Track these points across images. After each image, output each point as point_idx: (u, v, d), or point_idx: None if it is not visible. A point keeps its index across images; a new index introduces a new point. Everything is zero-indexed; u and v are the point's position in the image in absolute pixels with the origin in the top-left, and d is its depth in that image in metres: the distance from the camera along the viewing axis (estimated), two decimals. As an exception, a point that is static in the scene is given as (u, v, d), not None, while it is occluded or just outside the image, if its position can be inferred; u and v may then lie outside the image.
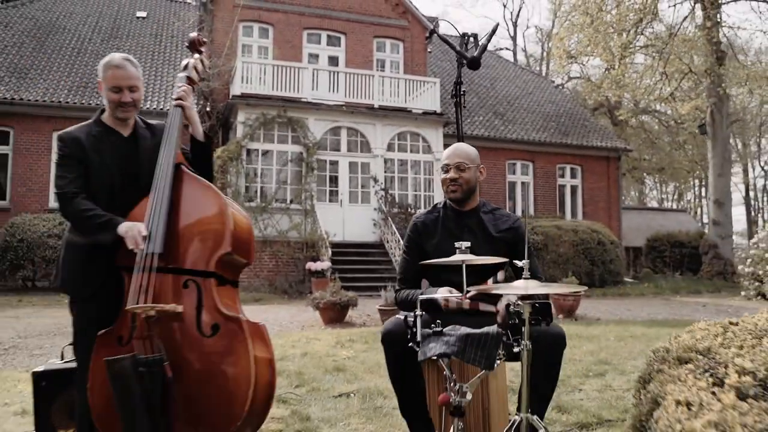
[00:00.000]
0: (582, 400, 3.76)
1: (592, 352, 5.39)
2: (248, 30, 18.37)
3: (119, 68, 2.84)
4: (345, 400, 3.83)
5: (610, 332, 6.92)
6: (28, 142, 16.56)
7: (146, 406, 2.35)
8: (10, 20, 19.84)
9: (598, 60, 22.64)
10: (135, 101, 2.90)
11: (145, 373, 2.36)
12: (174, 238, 2.59)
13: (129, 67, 2.89)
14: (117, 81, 2.80)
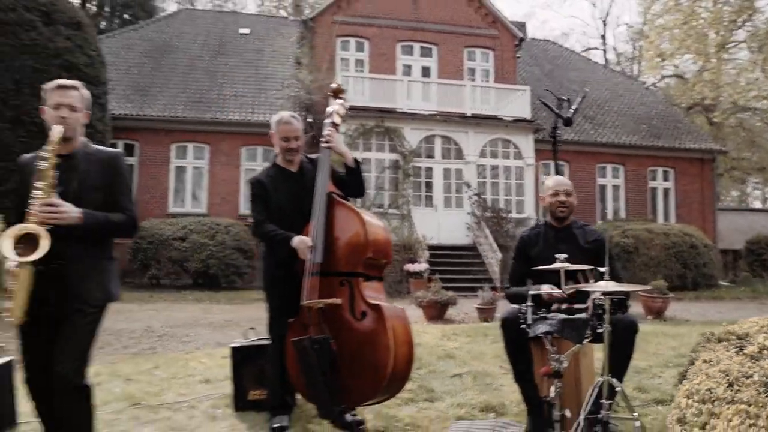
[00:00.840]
0: (660, 384, 4.44)
1: (674, 348, 6.00)
2: (345, 44, 19.52)
3: (288, 124, 3.84)
4: (459, 379, 4.70)
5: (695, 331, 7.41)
6: (151, 153, 18.34)
7: (320, 370, 3.31)
8: (131, 43, 21.87)
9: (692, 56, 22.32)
10: (299, 147, 3.88)
11: (318, 348, 3.32)
12: (331, 249, 3.53)
13: (294, 122, 3.89)
14: (286, 133, 3.80)
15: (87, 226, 2.62)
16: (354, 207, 3.67)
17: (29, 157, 2.90)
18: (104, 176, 2.80)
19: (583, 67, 25.66)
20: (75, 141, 2.82)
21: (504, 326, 3.35)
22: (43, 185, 2.57)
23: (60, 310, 2.64)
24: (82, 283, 2.67)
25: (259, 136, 18.33)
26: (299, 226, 3.62)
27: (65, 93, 2.79)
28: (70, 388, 2.59)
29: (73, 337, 2.64)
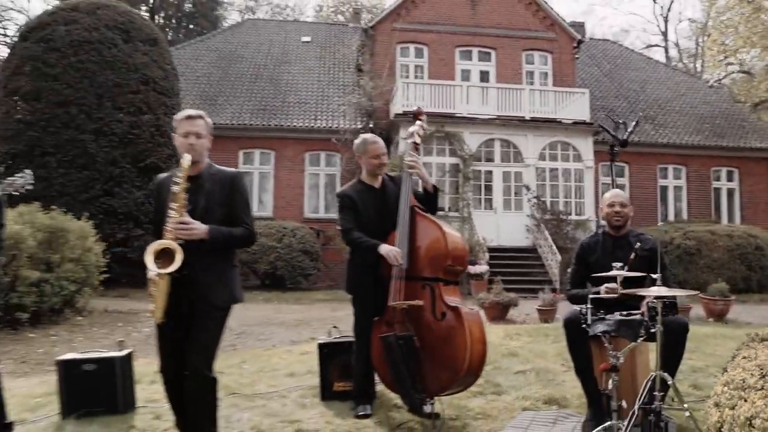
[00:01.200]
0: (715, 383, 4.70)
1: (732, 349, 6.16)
2: (405, 51, 19.97)
3: (375, 143, 4.30)
4: (523, 375, 5.06)
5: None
6: (219, 160, 18.36)
7: (405, 364, 3.75)
8: (199, 54, 22.89)
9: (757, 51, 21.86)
10: (385, 164, 4.32)
11: (403, 344, 3.77)
12: (414, 257, 3.97)
13: (380, 141, 4.34)
14: (376, 152, 4.26)
15: (213, 240, 3.12)
16: (435, 219, 4.09)
17: (163, 177, 3.42)
18: (226, 194, 3.29)
19: (643, 67, 25.37)
20: (201, 164, 3.31)
21: (566, 326, 3.73)
22: (176, 206, 3.08)
23: (191, 311, 3.15)
24: (211, 288, 3.17)
25: (322, 142, 19.02)
26: (382, 235, 4.07)
27: (193, 122, 3.29)
28: (200, 378, 3.11)
29: (203, 335, 3.15)
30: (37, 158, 13.94)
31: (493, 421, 3.93)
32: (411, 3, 19.76)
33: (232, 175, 3.41)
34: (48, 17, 15.18)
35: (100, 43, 14.71)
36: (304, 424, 3.83)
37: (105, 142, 14.29)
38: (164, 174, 3.46)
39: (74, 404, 4.06)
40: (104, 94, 14.48)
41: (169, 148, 15.43)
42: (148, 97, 14.96)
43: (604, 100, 22.10)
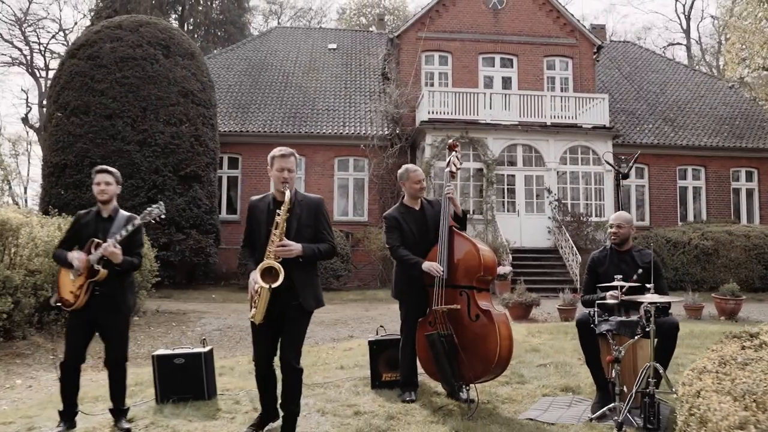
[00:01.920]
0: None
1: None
2: (430, 59, 20.68)
3: (417, 171, 5.06)
4: (544, 368, 5.80)
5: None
6: (252, 165, 20.08)
7: (447, 357, 4.51)
8: (230, 63, 23.81)
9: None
10: (424, 188, 5.07)
11: (444, 341, 4.53)
12: (452, 268, 4.73)
13: (420, 170, 5.10)
14: (418, 178, 5.02)
15: (306, 256, 3.90)
16: (470, 237, 4.84)
17: (255, 200, 4.19)
18: (312, 217, 4.04)
19: (663, 68, 25.77)
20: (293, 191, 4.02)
21: (578, 325, 4.48)
22: (277, 232, 3.85)
23: (282, 314, 3.93)
24: (302, 295, 3.94)
25: (350, 148, 19.82)
26: (423, 250, 4.85)
27: (286, 159, 4.04)
28: (291, 368, 3.89)
29: (294, 334, 3.94)
30: (86, 168, 14.87)
31: (518, 405, 4.68)
32: (435, 12, 20.47)
33: (318, 201, 4.15)
34: (94, 35, 16.14)
35: (143, 59, 15.65)
36: (360, 408, 4.60)
37: (148, 152, 15.24)
38: (255, 197, 4.23)
39: (167, 392, 4.89)
40: (147, 107, 15.43)
41: (207, 157, 16.39)
42: (187, 109, 15.87)
43: (624, 102, 22.62)
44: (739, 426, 2.00)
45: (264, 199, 4.11)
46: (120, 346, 4.45)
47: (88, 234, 4.36)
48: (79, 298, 4.24)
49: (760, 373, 2.63)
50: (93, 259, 4.19)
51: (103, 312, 4.33)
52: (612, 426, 3.84)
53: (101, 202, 4.46)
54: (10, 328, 7.79)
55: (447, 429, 4.02)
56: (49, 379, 6.52)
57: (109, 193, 4.46)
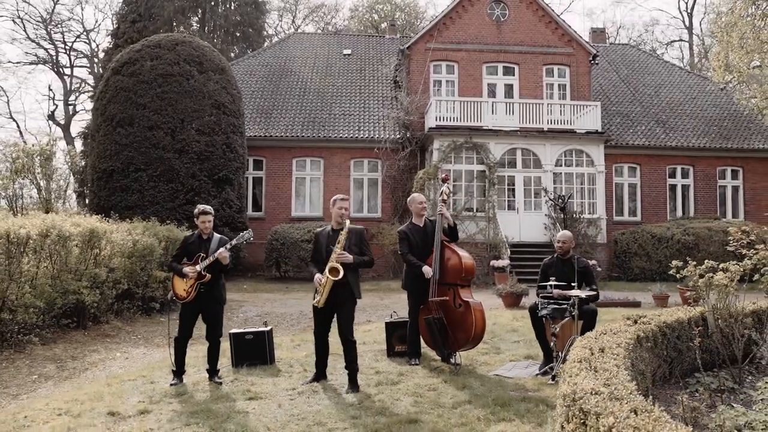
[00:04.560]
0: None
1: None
2: (437, 68, 22.44)
3: (419, 198, 6.93)
4: (517, 343, 7.68)
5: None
6: (275, 167, 21.98)
7: (439, 334, 6.41)
8: (252, 69, 25.65)
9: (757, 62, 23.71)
10: (426, 209, 6.94)
11: (437, 322, 6.42)
12: (443, 271, 6.60)
13: (422, 197, 6.98)
14: (422, 202, 6.90)
15: (355, 263, 5.82)
16: (456, 248, 6.72)
17: (319, 230, 6.18)
18: (357, 240, 5.99)
19: (659, 71, 27.31)
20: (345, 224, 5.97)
21: (529, 311, 6.39)
22: (339, 246, 5.79)
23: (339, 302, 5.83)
24: (352, 287, 5.86)
25: (365, 150, 21.68)
26: (425, 256, 6.74)
27: (344, 202, 6.10)
28: (348, 340, 5.80)
29: (348, 315, 5.85)
30: (132, 174, 16.90)
31: (490, 367, 6.58)
32: (443, 25, 22.21)
33: (360, 230, 6.15)
34: (136, 53, 18.04)
35: (180, 76, 17.56)
36: (380, 369, 6.51)
37: (186, 159, 17.16)
38: (319, 228, 6.21)
39: (240, 359, 6.81)
40: (185, 119, 17.34)
41: (237, 162, 18.32)
42: (219, 120, 17.79)
43: (620, 105, 24.27)
44: (579, 359, 3.82)
45: (324, 229, 6.11)
46: (218, 326, 6.37)
47: (194, 250, 6.30)
48: (190, 294, 6.16)
49: (617, 336, 4.49)
50: (201, 267, 6.12)
51: (207, 303, 6.25)
52: (549, 379, 5.74)
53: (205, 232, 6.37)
54: (97, 315, 9.75)
55: (440, 380, 5.92)
56: (139, 353, 8.47)
57: (209, 227, 6.38)
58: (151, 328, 10.29)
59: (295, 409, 5.10)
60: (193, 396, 5.68)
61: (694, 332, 5.19)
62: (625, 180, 22.14)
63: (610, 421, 2.59)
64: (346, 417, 4.83)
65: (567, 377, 3.45)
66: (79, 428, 4.78)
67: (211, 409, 5.09)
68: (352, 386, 5.75)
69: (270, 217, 21.44)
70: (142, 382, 6.37)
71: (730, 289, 5.45)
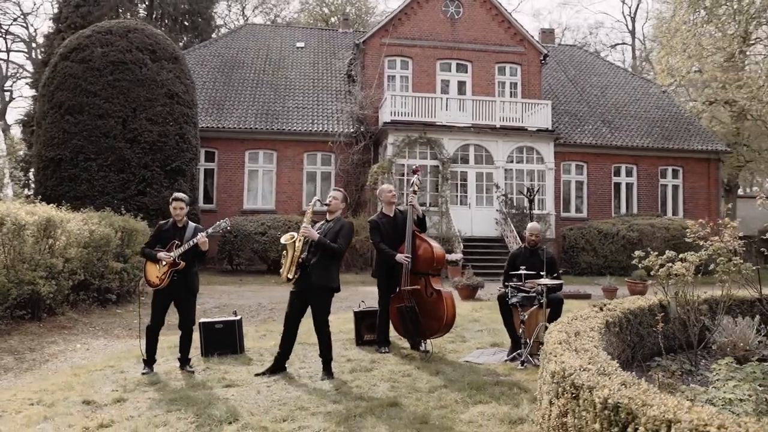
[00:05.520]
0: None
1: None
2: (392, 63, 22.59)
3: (389, 188, 7.04)
4: (480, 332, 7.90)
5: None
6: (228, 160, 21.76)
7: (411, 321, 6.55)
8: (203, 59, 25.25)
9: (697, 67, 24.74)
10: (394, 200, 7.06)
11: (409, 311, 6.56)
12: (415, 261, 6.74)
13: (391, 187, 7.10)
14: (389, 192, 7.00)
15: (318, 242, 5.82)
16: (427, 239, 6.87)
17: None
18: (338, 230, 5.97)
19: (605, 72, 28.21)
20: (335, 215, 6.07)
21: (498, 299, 6.59)
22: (306, 221, 5.84)
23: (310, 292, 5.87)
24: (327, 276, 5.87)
25: (318, 144, 21.66)
26: (397, 244, 6.85)
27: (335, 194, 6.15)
28: (321, 327, 5.83)
29: (323, 303, 5.87)
30: (81, 163, 16.44)
31: (459, 354, 6.77)
32: (398, 20, 22.36)
33: (346, 224, 6.11)
34: (86, 39, 17.51)
35: (133, 64, 17.15)
36: (350, 357, 6.61)
37: (138, 149, 16.79)
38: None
39: (210, 348, 6.80)
40: (137, 108, 16.96)
41: (190, 153, 18.04)
42: (173, 110, 17.46)
43: (568, 104, 24.96)
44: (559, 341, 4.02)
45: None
46: (190, 315, 6.34)
47: (168, 237, 6.25)
48: (163, 281, 6.11)
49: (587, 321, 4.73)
50: (176, 254, 6.07)
51: (180, 291, 6.21)
52: (518, 364, 5.96)
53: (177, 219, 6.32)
54: (53, 307, 9.52)
55: (413, 367, 6.07)
56: (100, 345, 8.33)
57: (182, 214, 6.33)
58: (109, 319, 10.11)
59: (275, 396, 5.15)
60: (168, 384, 5.66)
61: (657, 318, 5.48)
62: (573, 177, 22.81)
63: (605, 393, 2.77)
64: (327, 402, 4.91)
65: (552, 357, 3.63)
66: (56, 417, 4.71)
67: (190, 396, 5.10)
68: (327, 373, 5.82)
69: (222, 210, 21.19)
70: (111, 371, 6.30)
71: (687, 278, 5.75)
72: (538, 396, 3.95)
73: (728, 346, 5.99)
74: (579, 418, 2.98)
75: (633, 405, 2.62)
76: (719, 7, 21.96)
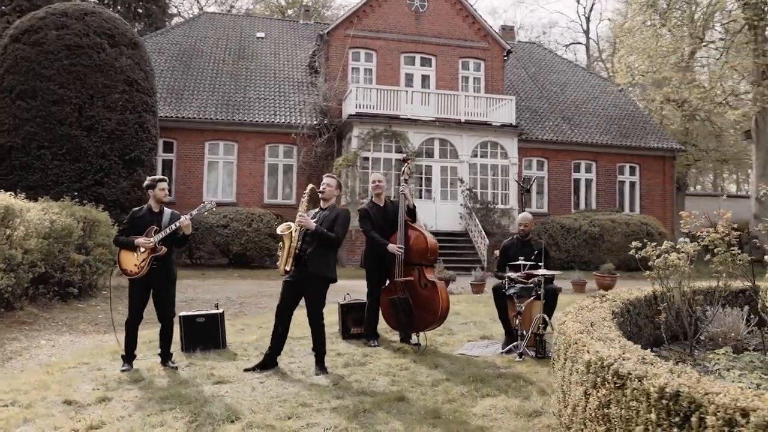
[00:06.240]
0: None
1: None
2: (356, 55, 22.35)
3: (377, 178, 6.83)
4: (465, 325, 7.79)
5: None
6: (187, 150, 21.16)
7: (404, 314, 6.37)
8: (161, 47, 24.51)
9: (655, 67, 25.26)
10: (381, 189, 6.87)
11: (403, 302, 6.38)
12: (408, 251, 6.56)
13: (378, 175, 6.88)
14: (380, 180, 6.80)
15: (314, 231, 5.58)
16: (420, 228, 6.71)
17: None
18: (334, 218, 5.74)
19: (564, 70, 28.58)
20: (329, 201, 5.84)
21: (494, 290, 6.48)
22: (301, 209, 5.59)
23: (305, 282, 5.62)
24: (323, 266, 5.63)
25: (281, 135, 21.27)
26: (387, 234, 6.66)
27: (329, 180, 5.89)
28: (316, 319, 5.60)
29: (318, 294, 5.64)
30: (34, 151, 15.67)
31: (451, 347, 6.63)
32: (363, 12, 22.12)
33: (341, 212, 5.90)
34: (39, 21, 16.70)
35: (90, 48, 16.42)
36: (340, 351, 6.39)
37: (95, 138, 16.11)
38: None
39: (191, 342, 6.48)
40: (95, 95, 16.27)
41: (150, 142, 17.43)
42: (132, 97, 16.81)
43: (529, 101, 25.16)
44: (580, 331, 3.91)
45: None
46: (171, 306, 6.01)
47: (144, 224, 5.89)
48: (142, 270, 5.76)
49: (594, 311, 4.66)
50: (156, 239, 5.74)
51: (159, 280, 5.87)
52: (515, 356, 5.85)
53: (163, 202, 5.98)
54: (11, 301, 8.99)
55: (408, 360, 5.90)
56: (66, 341, 7.88)
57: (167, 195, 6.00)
58: (72, 314, 9.62)
59: (271, 392, 4.90)
60: (153, 382, 5.34)
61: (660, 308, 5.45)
62: (534, 173, 22.98)
63: (660, 381, 2.65)
64: (330, 397, 4.70)
65: (581, 347, 3.51)
66: (37, 419, 4.36)
67: (182, 394, 4.80)
68: (321, 368, 5.59)
69: (181, 202, 20.51)
70: (87, 369, 5.92)
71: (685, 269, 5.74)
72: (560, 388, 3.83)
73: (720, 336, 6.02)
74: (627, 408, 2.86)
75: (695, 393, 2.51)
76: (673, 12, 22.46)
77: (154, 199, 6.06)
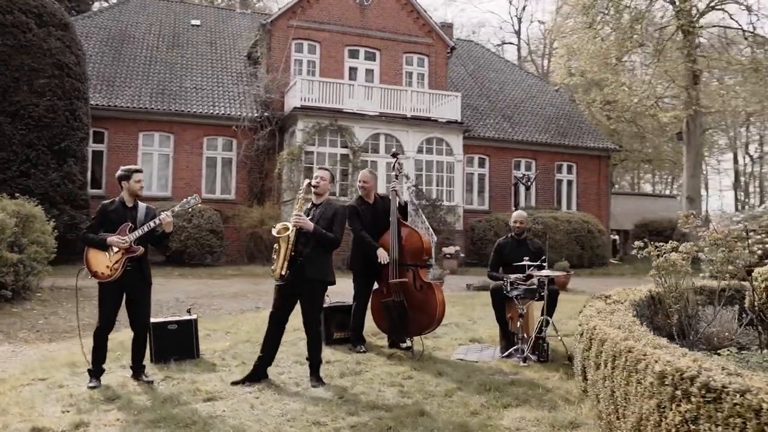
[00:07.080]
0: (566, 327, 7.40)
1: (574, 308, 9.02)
2: (299, 46, 21.74)
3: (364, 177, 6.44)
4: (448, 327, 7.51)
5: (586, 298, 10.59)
6: (119, 140, 19.99)
7: (398, 317, 6.01)
8: (88, 31, 23.02)
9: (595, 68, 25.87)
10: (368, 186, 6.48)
11: (397, 306, 6.02)
12: (402, 252, 6.20)
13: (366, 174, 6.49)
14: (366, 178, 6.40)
15: (313, 232, 5.14)
16: (413, 227, 6.37)
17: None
18: (331, 216, 5.29)
19: (501, 68, 28.85)
20: (323, 197, 5.37)
21: (492, 292, 6.20)
22: (297, 208, 5.13)
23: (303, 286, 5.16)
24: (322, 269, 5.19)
25: (220, 128, 20.43)
26: (374, 234, 6.28)
27: (322, 173, 5.43)
28: (313, 325, 5.15)
29: (316, 300, 5.19)
30: (-50, 139, 14.38)
31: (444, 351, 6.33)
32: (306, 2, 21.51)
33: (338, 208, 5.48)
34: (-43, -3, 15.34)
35: (15, 27, 15.18)
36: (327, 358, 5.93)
37: (21, 125, 14.93)
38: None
39: (162, 353, 5.90)
40: (20, 78, 15.07)
41: (82, 132, 16.32)
42: (62, 82, 15.67)
43: (469, 98, 25.20)
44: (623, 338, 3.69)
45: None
46: (146, 311, 5.42)
47: (117, 219, 5.27)
48: (116, 272, 5.15)
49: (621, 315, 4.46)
50: (132, 238, 5.15)
51: (134, 283, 5.28)
52: (518, 361, 5.61)
53: (138, 196, 5.38)
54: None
55: (407, 368, 5.54)
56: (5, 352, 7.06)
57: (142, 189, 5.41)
58: (7, 320, 8.72)
59: (273, 410, 4.43)
60: (132, 400, 4.74)
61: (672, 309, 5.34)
62: (476, 170, 23.05)
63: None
64: (343, 414, 4.27)
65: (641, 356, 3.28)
66: (8, 447, 3.76)
67: (173, 415, 4.25)
68: (317, 379, 5.15)
69: (112, 196, 18.99)
70: (45, 386, 5.22)
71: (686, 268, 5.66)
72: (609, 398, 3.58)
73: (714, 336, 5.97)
74: (725, 425, 2.63)
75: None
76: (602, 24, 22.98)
77: (128, 192, 5.44)
